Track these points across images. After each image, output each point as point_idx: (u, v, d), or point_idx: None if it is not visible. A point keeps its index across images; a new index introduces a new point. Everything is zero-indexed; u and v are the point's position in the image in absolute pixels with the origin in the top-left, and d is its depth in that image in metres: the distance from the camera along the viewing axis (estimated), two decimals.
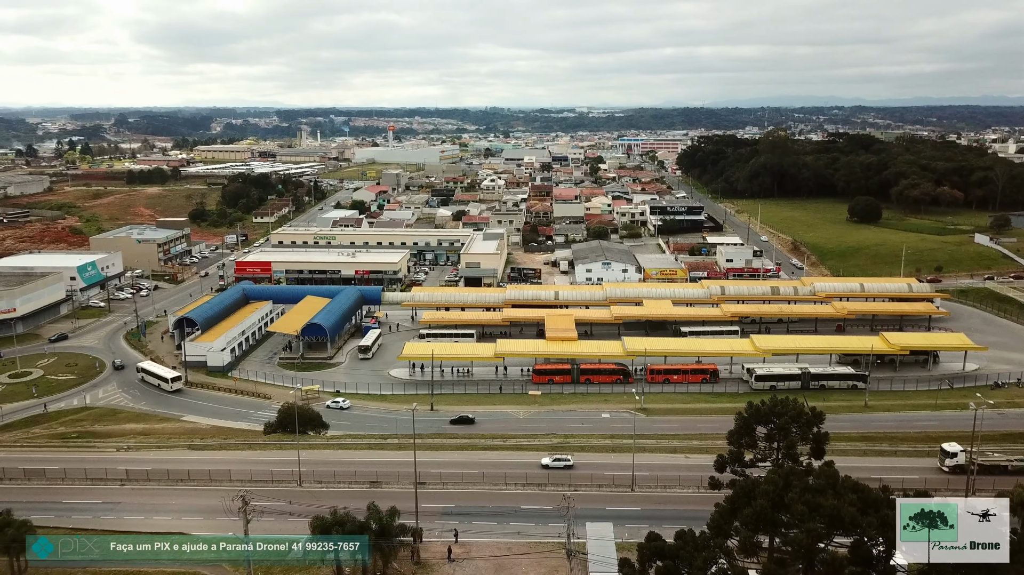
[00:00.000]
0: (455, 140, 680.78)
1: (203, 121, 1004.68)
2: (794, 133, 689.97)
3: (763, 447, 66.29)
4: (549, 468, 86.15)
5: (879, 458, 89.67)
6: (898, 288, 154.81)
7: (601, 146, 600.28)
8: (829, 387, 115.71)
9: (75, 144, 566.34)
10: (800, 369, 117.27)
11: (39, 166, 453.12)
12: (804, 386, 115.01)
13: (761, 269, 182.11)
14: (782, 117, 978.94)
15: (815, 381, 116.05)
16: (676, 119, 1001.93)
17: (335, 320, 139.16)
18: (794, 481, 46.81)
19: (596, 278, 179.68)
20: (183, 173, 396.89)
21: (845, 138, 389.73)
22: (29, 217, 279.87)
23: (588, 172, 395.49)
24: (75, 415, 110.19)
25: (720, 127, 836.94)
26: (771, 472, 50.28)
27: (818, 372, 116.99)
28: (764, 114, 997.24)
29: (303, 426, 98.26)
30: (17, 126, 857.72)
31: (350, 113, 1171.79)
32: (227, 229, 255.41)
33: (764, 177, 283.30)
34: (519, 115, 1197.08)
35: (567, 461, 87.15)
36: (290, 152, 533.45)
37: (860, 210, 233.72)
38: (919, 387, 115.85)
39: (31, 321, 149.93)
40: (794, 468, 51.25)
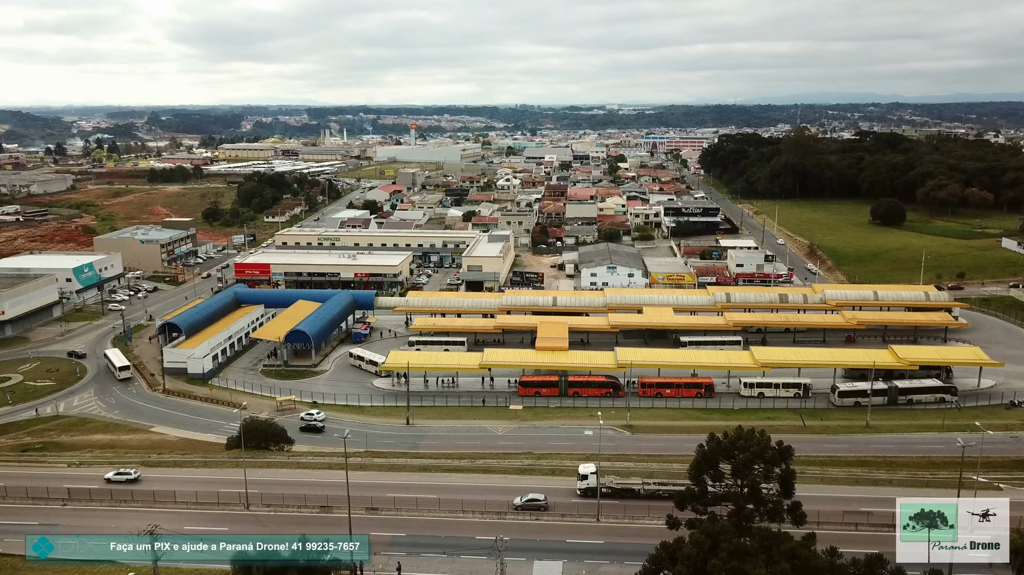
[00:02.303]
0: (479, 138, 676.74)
1: (234, 119, 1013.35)
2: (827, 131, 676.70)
3: (729, 483, 60.40)
4: (520, 509, 79.00)
5: (872, 487, 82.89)
6: (914, 296, 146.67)
7: (626, 144, 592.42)
8: (917, 401, 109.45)
9: (103, 142, 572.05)
10: (886, 383, 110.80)
11: (66, 164, 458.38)
12: (891, 401, 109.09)
13: (772, 274, 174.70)
14: (816, 114, 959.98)
15: (903, 395, 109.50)
16: (708, 116, 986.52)
17: (321, 326, 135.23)
18: (723, 542, 41.17)
19: (601, 282, 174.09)
20: (205, 172, 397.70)
21: (872, 137, 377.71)
22: (47, 216, 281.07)
23: (607, 171, 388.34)
24: (45, 424, 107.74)
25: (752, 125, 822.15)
26: (700, 530, 44.70)
27: (905, 386, 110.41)
28: (797, 111, 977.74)
29: (267, 441, 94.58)
30: (53, 124, 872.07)
31: (380, 111, 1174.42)
32: (238, 229, 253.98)
33: (785, 177, 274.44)
34: (548, 112, 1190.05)
35: (539, 501, 79.27)
36: (313, 151, 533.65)
37: (883, 212, 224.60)
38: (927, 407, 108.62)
39: (21, 324, 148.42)
40: (724, 526, 45.63)
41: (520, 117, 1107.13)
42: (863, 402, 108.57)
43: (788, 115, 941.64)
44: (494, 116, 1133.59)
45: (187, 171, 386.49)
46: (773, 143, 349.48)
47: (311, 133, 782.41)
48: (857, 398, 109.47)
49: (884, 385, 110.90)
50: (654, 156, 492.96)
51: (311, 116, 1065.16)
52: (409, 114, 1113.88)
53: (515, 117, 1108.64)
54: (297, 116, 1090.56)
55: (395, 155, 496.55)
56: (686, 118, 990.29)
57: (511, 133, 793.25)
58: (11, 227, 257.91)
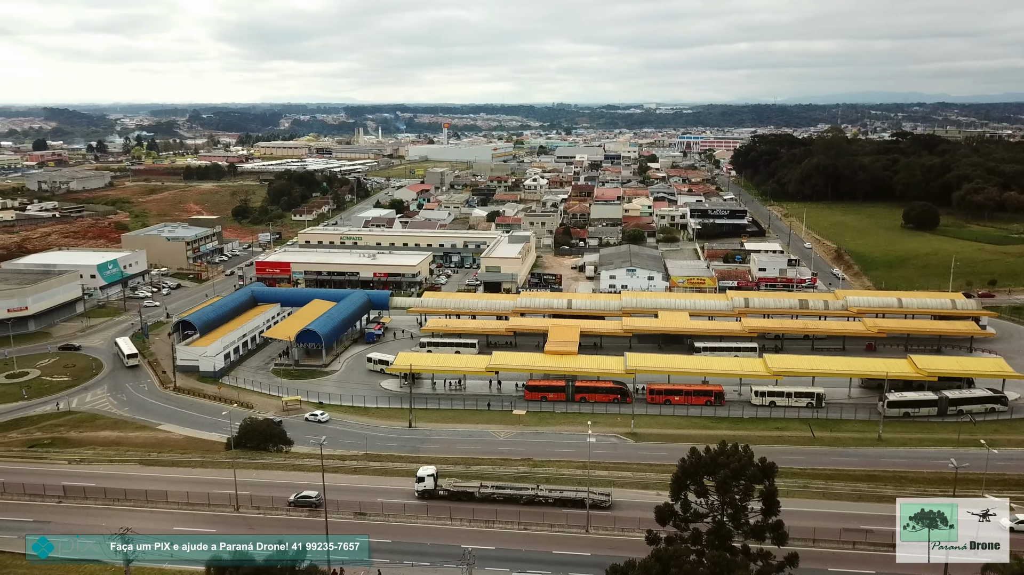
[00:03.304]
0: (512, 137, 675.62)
1: (273, 117, 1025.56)
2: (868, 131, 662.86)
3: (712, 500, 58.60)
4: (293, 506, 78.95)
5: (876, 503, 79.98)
6: (940, 304, 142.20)
7: (660, 144, 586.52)
8: (967, 411, 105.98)
9: (142, 140, 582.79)
10: (936, 394, 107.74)
11: (106, 161, 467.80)
12: (941, 412, 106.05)
13: (795, 279, 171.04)
14: (858, 114, 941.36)
15: (953, 406, 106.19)
16: (746, 116, 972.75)
17: (333, 326, 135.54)
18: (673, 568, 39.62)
19: (620, 285, 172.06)
20: (239, 169, 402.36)
21: (909, 138, 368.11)
22: (83, 212, 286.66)
23: (636, 171, 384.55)
24: (56, 420, 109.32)
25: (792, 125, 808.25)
26: (650, 556, 43.07)
27: (956, 396, 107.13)
28: (838, 111, 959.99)
29: (265, 442, 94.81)
30: (98, 122, 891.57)
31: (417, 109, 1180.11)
32: (265, 227, 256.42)
33: (816, 179, 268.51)
34: (584, 111, 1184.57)
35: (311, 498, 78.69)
36: (347, 149, 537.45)
37: (915, 216, 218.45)
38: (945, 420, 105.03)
39: (44, 319, 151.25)
40: (677, 550, 43.95)
41: (556, 116, 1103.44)
42: (913, 413, 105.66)
43: (829, 115, 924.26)
44: (530, 115, 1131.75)
45: (222, 169, 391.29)
46: (806, 144, 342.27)
47: (347, 131, 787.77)
48: (907, 408, 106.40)
49: (934, 395, 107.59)
50: (687, 156, 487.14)
51: (348, 114, 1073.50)
52: (446, 113, 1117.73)
53: (551, 116, 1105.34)
54: (335, 114, 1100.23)
55: (427, 154, 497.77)
56: (724, 118, 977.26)
57: (546, 132, 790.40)
58: (48, 223, 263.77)
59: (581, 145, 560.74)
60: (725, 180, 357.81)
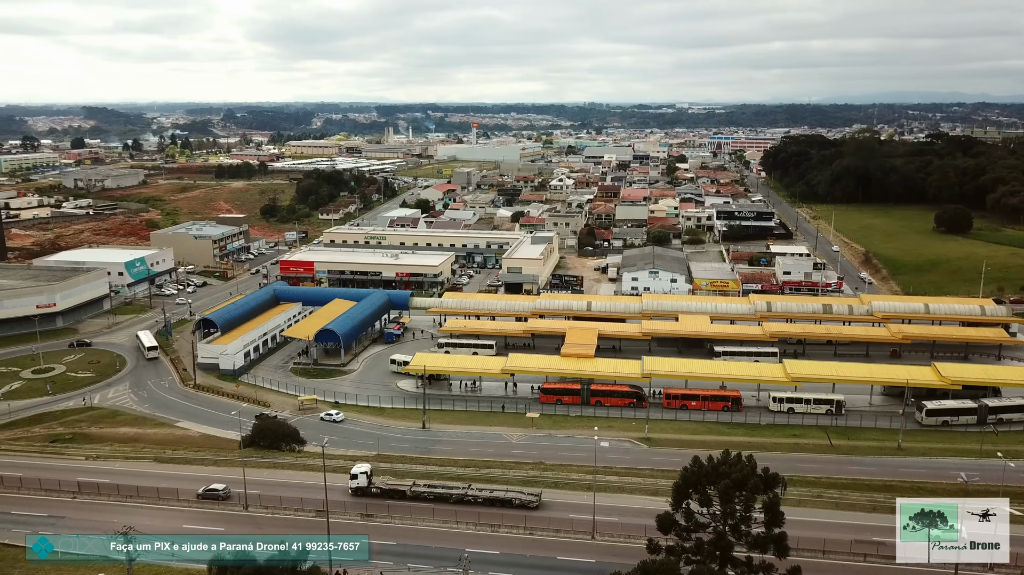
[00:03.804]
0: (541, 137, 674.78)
1: (306, 116, 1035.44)
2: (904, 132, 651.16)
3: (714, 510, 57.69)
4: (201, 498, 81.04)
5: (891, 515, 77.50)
6: (968, 310, 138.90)
7: (691, 144, 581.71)
8: (1008, 420, 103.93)
9: (176, 139, 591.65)
10: (975, 402, 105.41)
11: (141, 160, 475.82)
12: (981, 420, 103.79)
13: (820, 283, 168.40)
14: (894, 114, 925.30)
15: (993, 414, 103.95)
16: (780, 116, 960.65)
17: (352, 326, 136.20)
18: None
19: (642, 287, 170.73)
20: (269, 168, 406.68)
21: (944, 139, 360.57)
22: (116, 210, 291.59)
23: (665, 172, 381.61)
24: (78, 415, 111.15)
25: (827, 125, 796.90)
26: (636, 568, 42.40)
27: (996, 404, 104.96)
28: (874, 111, 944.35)
29: (278, 441, 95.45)
30: (135, 120, 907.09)
31: (448, 109, 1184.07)
32: (293, 226, 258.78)
33: (847, 181, 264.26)
34: (616, 111, 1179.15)
35: (218, 491, 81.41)
36: (376, 148, 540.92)
37: (947, 219, 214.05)
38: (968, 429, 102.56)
39: (72, 316, 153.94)
40: (665, 563, 43.29)
41: (587, 115, 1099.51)
42: (952, 421, 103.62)
43: (864, 115, 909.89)
44: (561, 114, 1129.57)
45: (252, 167, 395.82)
46: (837, 145, 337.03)
47: (378, 131, 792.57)
48: (946, 417, 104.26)
49: (973, 403, 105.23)
50: (717, 157, 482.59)
51: (380, 114, 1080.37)
52: (477, 112, 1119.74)
53: (582, 115, 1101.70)
54: (367, 114, 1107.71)
55: (455, 153, 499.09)
56: (757, 118, 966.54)
57: (577, 132, 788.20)
58: (81, 220, 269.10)
59: (610, 145, 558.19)
60: (754, 181, 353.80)
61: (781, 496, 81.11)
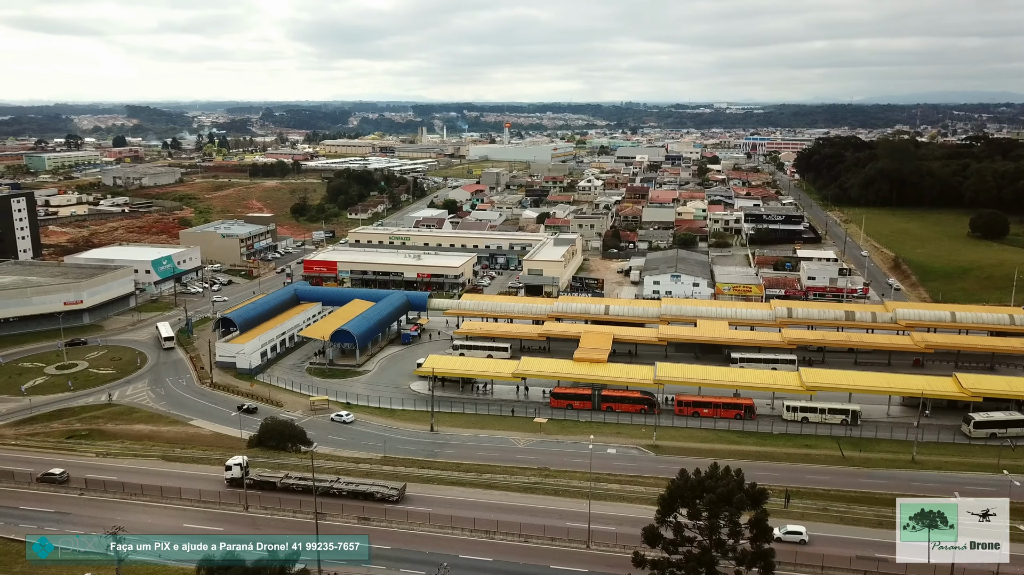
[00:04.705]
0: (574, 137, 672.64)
1: (343, 115, 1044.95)
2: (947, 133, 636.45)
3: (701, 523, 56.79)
4: None
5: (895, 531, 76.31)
6: (997, 319, 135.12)
7: (726, 145, 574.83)
8: None
9: (214, 137, 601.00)
10: None
11: (179, 158, 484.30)
12: None
13: (846, 289, 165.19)
14: (939, 115, 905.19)
15: None
16: (820, 116, 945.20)
17: (368, 327, 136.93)
18: None
19: (664, 291, 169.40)
20: (303, 167, 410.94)
21: (983, 142, 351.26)
22: (151, 208, 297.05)
23: (696, 173, 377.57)
24: (96, 412, 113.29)
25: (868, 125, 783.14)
26: None
27: None
28: (917, 111, 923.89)
29: (285, 441, 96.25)
30: (176, 119, 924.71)
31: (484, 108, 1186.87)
32: (320, 225, 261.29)
33: (880, 184, 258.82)
34: (653, 111, 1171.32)
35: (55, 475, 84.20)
36: (409, 148, 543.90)
37: (983, 224, 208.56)
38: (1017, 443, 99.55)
39: (98, 313, 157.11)
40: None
41: (623, 115, 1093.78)
42: (1000, 434, 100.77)
43: (907, 116, 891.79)
44: (597, 114, 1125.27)
45: (286, 166, 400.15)
46: (871, 147, 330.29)
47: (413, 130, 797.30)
48: (994, 429, 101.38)
49: (1022, 415, 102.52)
50: (751, 158, 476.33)
51: (416, 113, 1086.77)
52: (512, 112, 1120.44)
53: (618, 115, 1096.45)
54: (403, 112, 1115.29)
55: (487, 153, 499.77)
56: (796, 118, 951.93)
57: (612, 131, 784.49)
58: (117, 218, 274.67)
59: (644, 145, 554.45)
60: (787, 184, 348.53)
61: (785, 508, 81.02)
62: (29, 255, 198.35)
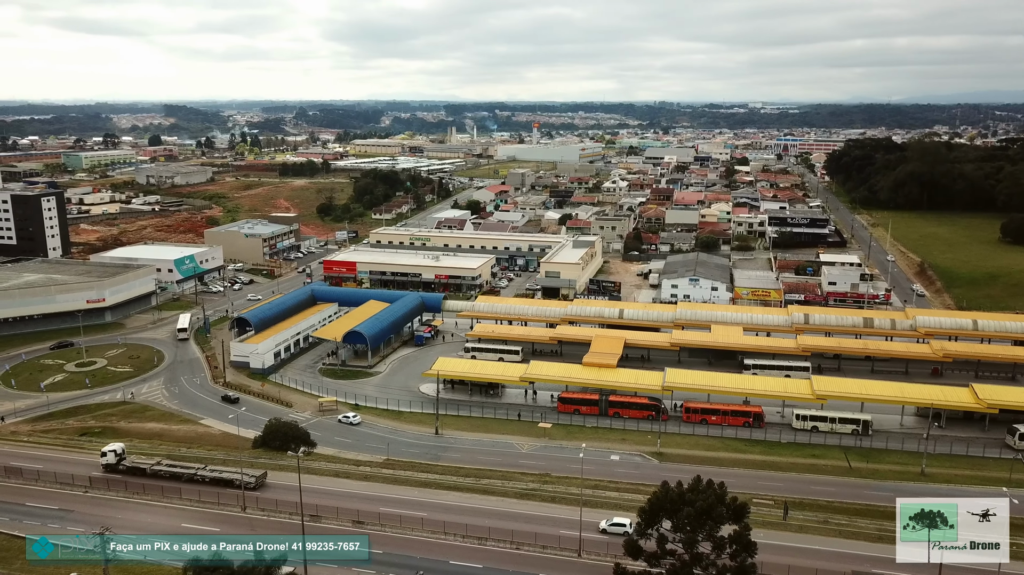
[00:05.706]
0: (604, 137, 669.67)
1: (375, 115, 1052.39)
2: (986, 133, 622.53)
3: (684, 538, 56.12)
4: None
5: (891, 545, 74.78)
6: (1021, 328, 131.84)
7: (757, 146, 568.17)
8: None
9: (246, 136, 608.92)
10: None
11: (212, 157, 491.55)
12: None
13: (867, 295, 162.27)
14: (980, 115, 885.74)
15: None
16: (857, 117, 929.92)
17: (380, 328, 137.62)
18: None
19: (682, 295, 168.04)
20: (332, 166, 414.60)
21: (1018, 144, 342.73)
22: (181, 207, 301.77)
23: (724, 174, 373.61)
24: (111, 409, 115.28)
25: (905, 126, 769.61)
26: None
27: None
28: (957, 111, 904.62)
29: (288, 443, 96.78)
30: (212, 118, 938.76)
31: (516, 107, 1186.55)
32: (344, 224, 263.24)
33: (911, 187, 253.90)
34: (686, 110, 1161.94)
35: None
36: (438, 148, 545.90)
37: (1014, 229, 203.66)
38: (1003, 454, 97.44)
39: (120, 311, 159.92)
40: None
41: (656, 115, 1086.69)
42: None
43: (947, 116, 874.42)
44: (630, 113, 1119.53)
45: (316, 165, 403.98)
46: (902, 149, 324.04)
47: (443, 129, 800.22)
48: None
49: None
50: (782, 159, 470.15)
51: (448, 112, 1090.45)
52: (544, 111, 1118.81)
53: (651, 115, 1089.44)
54: (435, 112, 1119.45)
55: (515, 154, 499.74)
56: (833, 118, 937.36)
57: (644, 131, 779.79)
58: (147, 216, 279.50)
59: (674, 145, 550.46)
60: (816, 186, 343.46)
61: (784, 520, 79.84)
62: (58, 253, 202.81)
